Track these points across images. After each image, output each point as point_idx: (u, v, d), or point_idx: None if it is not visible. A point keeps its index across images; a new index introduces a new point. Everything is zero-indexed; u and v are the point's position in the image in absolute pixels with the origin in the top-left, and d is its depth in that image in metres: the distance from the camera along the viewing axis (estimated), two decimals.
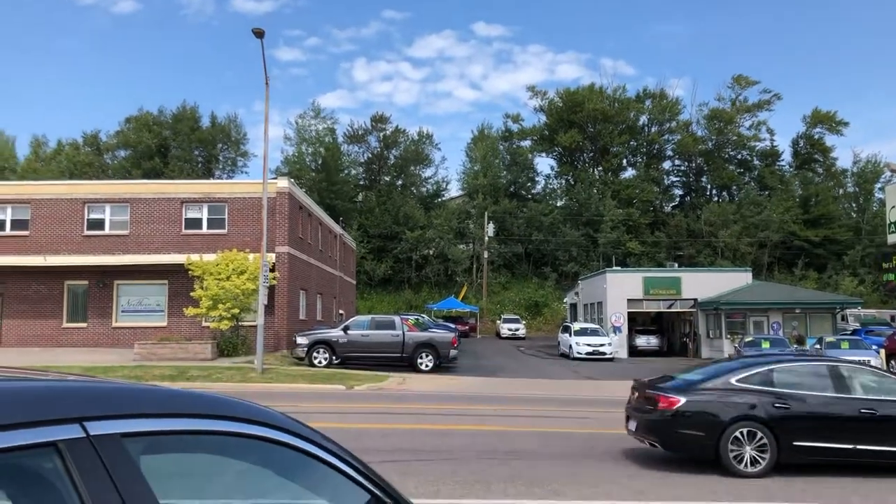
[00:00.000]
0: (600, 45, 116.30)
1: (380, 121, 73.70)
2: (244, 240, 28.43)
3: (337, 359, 24.81)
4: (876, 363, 22.33)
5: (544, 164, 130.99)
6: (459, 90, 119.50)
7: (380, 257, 63.84)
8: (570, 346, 34.61)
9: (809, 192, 70.87)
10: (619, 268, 50.20)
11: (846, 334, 34.30)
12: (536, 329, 56.92)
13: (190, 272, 26.24)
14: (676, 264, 53.07)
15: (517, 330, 50.15)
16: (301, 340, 25.17)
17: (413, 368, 24.78)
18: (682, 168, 78.75)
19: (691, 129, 75.55)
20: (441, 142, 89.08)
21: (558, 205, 71.65)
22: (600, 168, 74.27)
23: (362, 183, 74.99)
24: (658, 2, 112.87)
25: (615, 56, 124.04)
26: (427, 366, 25.02)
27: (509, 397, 18.99)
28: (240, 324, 26.56)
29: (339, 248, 43.47)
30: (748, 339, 31.44)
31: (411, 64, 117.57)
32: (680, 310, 41.65)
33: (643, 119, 76.64)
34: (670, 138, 76.31)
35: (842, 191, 75.00)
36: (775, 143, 76.81)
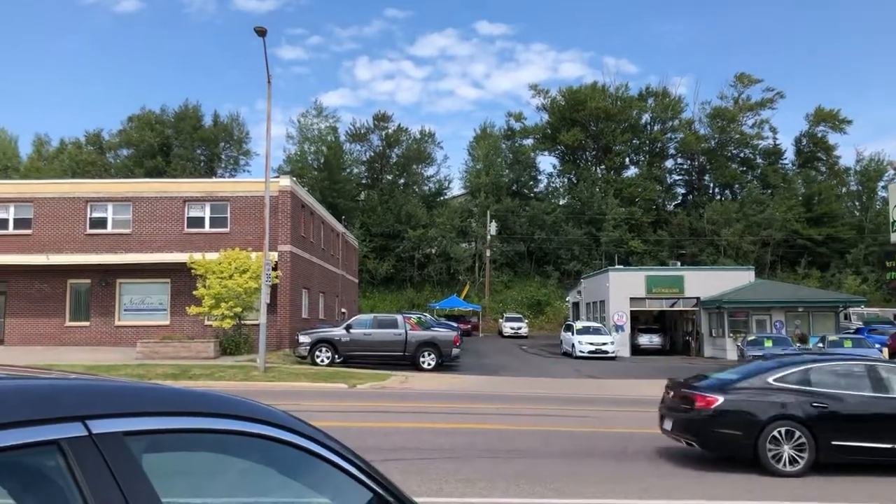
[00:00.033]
0: (603, 43, 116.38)
1: (382, 119, 73.69)
2: (246, 238, 28.47)
3: (339, 357, 24.82)
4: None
5: (547, 162, 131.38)
6: (462, 89, 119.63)
7: (382, 256, 63.84)
8: (573, 345, 34.60)
9: (812, 191, 70.77)
10: (621, 266, 50.16)
11: (849, 333, 34.24)
12: (539, 328, 56.93)
13: (192, 271, 26.28)
14: (679, 263, 53.07)
15: (519, 329, 50.17)
16: (303, 339, 25.18)
17: (415, 367, 24.77)
18: (685, 166, 78.74)
19: (694, 128, 75.52)
20: (443, 140, 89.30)
21: (561, 203, 71.65)
22: (603, 166, 74.24)
23: (364, 181, 75.02)
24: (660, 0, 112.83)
25: (618, 54, 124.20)
26: (429, 364, 25.02)
27: (511, 396, 18.98)
28: (242, 322, 26.60)
29: (341, 247, 43.49)
30: (751, 337, 31.39)
31: (413, 62, 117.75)
32: (682, 308, 41.62)
33: (646, 117, 76.59)
34: (673, 137, 76.26)
35: (845, 189, 74.84)
36: (778, 142, 76.90)
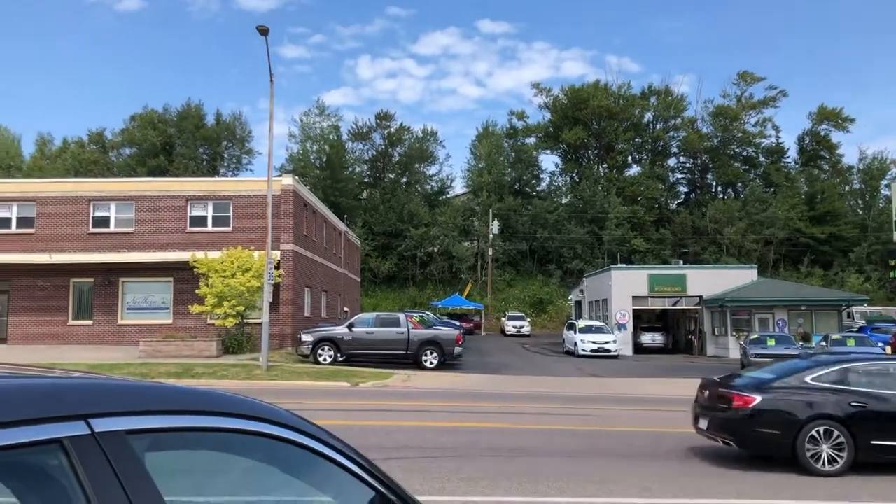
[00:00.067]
0: (605, 41, 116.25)
1: (384, 118, 73.70)
2: (249, 237, 28.50)
3: (342, 356, 24.84)
4: None
5: (549, 161, 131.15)
6: (464, 87, 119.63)
7: (384, 255, 63.85)
8: (575, 344, 34.60)
9: (815, 189, 70.64)
10: (624, 265, 50.14)
11: (852, 331, 34.18)
12: (541, 326, 56.91)
13: (195, 270, 26.31)
14: (681, 261, 52.97)
15: (522, 327, 50.18)
16: (306, 338, 25.21)
17: (418, 366, 24.78)
18: (688, 165, 78.59)
19: (696, 126, 75.37)
20: (445, 139, 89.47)
21: (563, 202, 71.61)
22: (605, 165, 74.16)
23: (367, 180, 75.02)
24: None
25: (620, 53, 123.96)
26: (432, 363, 25.03)
27: (514, 394, 18.99)
28: (245, 321, 26.64)
29: (343, 246, 43.50)
30: (753, 336, 31.33)
31: (416, 61, 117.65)
32: (685, 307, 41.59)
33: (648, 116, 76.49)
34: (675, 135, 76.15)
35: (848, 188, 74.70)
36: (781, 140, 76.76)
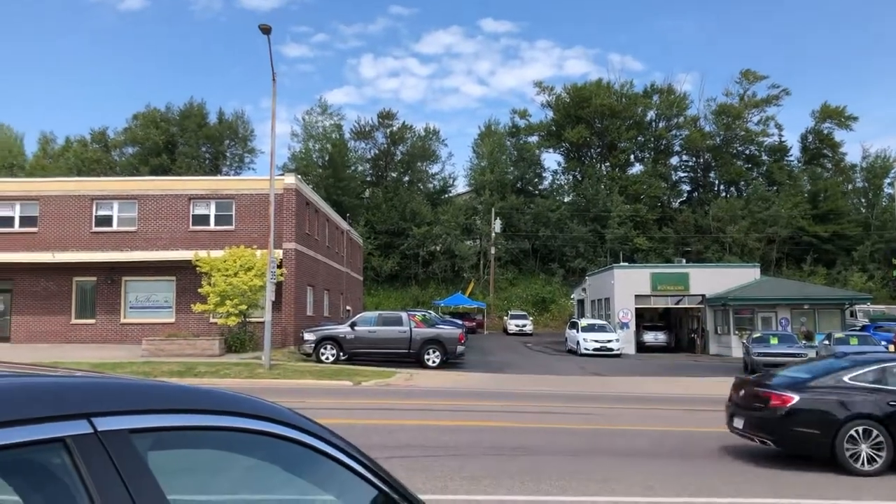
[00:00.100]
0: (608, 40, 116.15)
1: (387, 117, 73.70)
2: (251, 236, 28.52)
3: (344, 355, 24.86)
4: None
5: (551, 159, 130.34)
6: (466, 86, 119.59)
7: (387, 253, 63.87)
8: (578, 343, 34.58)
9: (818, 188, 70.48)
10: (626, 264, 50.11)
11: (855, 330, 34.13)
12: (544, 325, 56.91)
13: (198, 268, 26.34)
14: (684, 260, 52.98)
15: (524, 326, 50.19)
16: (308, 337, 25.23)
17: (420, 364, 24.79)
18: (690, 163, 78.42)
19: (699, 125, 75.22)
20: (448, 138, 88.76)
21: (565, 201, 71.53)
22: (608, 164, 74.08)
23: (369, 179, 75.03)
24: None
25: (623, 51, 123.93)
26: (434, 362, 25.03)
27: (516, 393, 18.99)
28: (247, 320, 26.67)
29: (345, 245, 43.52)
30: (756, 335, 31.29)
31: (418, 60, 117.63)
32: (688, 306, 41.56)
33: (651, 114, 76.35)
34: (678, 134, 76.03)
35: (851, 186, 74.50)
36: (784, 139, 76.53)
